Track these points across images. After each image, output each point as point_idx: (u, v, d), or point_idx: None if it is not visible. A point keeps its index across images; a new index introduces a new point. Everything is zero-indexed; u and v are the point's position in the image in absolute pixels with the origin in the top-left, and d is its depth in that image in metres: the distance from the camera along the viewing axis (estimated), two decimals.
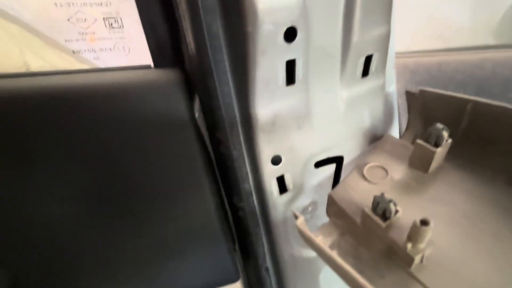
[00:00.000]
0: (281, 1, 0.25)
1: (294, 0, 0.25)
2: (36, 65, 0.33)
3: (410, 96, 0.40)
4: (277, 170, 0.36)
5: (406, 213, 0.27)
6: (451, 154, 0.34)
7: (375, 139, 0.42)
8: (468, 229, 0.28)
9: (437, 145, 0.32)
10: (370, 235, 0.29)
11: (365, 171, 0.34)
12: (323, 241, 0.31)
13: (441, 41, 0.82)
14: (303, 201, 0.40)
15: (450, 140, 0.32)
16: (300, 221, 0.28)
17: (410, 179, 0.33)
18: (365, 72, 0.35)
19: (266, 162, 0.35)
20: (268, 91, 0.30)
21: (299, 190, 0.39)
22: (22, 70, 0.32)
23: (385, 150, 0.38)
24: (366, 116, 0.39)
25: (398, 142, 0.39)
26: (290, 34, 0.27)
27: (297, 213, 0.29)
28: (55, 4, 0.29)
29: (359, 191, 0.33)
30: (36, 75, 0.32)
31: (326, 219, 0.41)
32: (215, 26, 0.27)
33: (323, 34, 0.29)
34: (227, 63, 0.29)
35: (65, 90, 0.31)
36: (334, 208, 0.33)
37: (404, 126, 0.53)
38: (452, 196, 0.31)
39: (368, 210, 0.28)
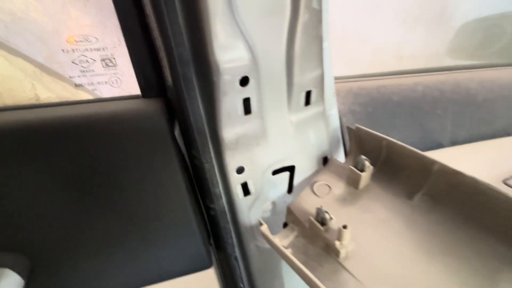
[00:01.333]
0: (236, 60, 0.35)
1: (246, 59, 0.36)
2: (44, 96, 0.40)
3: (349, 130, 0.50)
4: (241, 178, 0.46)
5: (340, 219, 0.38)
6: (376, 176, 0.45)
7: (321, 151, 0.53)
8: (382, 230, 0.38)
9: (362, 170, 0.43)
10: (315, 236, 0.39)
11: (315, 188, 0.46)
12: (280, 242, 0.40)
13: (383, 66, 0.96)
14: (264, 202, 0.50)
15: (371, 167, 0.43)
16: (264, 227, 0.39)
17: (346, 194, 0.44)
18: (307, 102, 0.46)
19: (232, 171, 0.45)
20: (231, 119, 0.40)
21: (260, 193, 0.49)
22: (33, 101, 0.40)
23: (331, 171, 0.49)
24: (312, 134, 0.50)
25: (340, 165, 0.50)
26: (245, 81, 0.37)
27: (261, 221, 0.39)
28: (62, 50, 0.36)
29: (309, 203, 0.43)
30: (44, 106, 0.41)
31: (283, 216, 0.52)
32: (189, 74, 0.37)
33: (270, 79, 0.39)
34: (199, 99, 0.39)
35: (70, 119, 0.39)
36: (291, 216, 0.44)
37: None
38: (373, 207, 0.42)
39: (312, 218, 0.38)
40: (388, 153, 0.44)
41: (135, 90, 0.47)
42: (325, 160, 0.54)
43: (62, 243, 0.39)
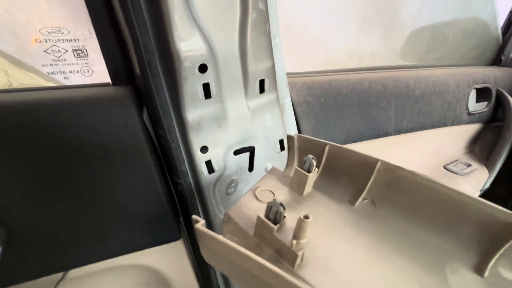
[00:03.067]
0: (194, 49, 0.41)
1: (203, 48, 0.42)
2: (17, 83, 0.43)
3: (289, 139, 0.47)
4: (205, 156, 0.52)
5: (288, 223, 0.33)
6: (318, 183, 0.43)
7: (277, 134, 0.61)
8: (332, 236, 0.36)
9: (309, 171, 0.40)
10: (261, 244, 0.34)
11: (257, 193, 0.41)
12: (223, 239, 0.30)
13: (335, 65, 1.08)
14: (227, 179, 0.56)
15: (317, 169, 0.42)
16: (199, 223, 0.30)
17: (290, 200, 0.41)
18: (262, 90, 0.54)
19: (196, 150, 0.51)
20: (193, 102, 0.46)
21: (223, 171, 0.55)
22: (6, 87, 0.42)
23: (272, 178, 0.45)
24: (268, 119, 0.58)
25: (281, 173, 0.46)
26: (203, 68, 0.44)
27: (198, 218, 0.31)
28: (35, 40, 0.40)
29: (252, 209, 0.38)
30: (18, 91, 0.44)
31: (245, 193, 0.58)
32: (154, 62, 0.42)
33: (227, 67, 0.46)
34: (164, 84, 0.45)
35: (44, 103, 0.43)
36: (230, 225, 0.38)
37: (304, 125, 0.73)
38: (320, 212, 0.39)
39: (262, 216, 0.32)
40: (330, 158, 0.44)
41: (106, 79, 0.51)
42: (281, 143, 0.61)
43: (38, 215, 0.42)
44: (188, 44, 0.41)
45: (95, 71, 0.51)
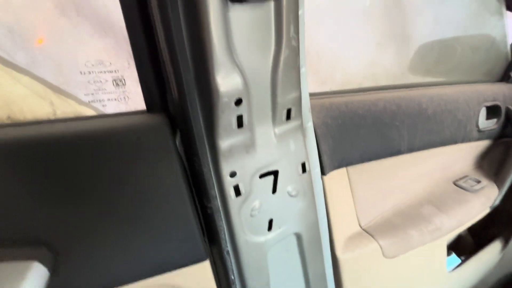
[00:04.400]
0: (232, 86, 0.44)
1: (240, 84, 0.45)
2: (60, 111, 0.45)
3: None
4: (233, 181, 0.54)
5: None
6: None
7: (300, 157, 0.63)
8: None
9: None
10: None
11: None
12: None
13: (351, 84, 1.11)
14: (252, 201, 0.58)
15: None
16: None
17: None
18: (288, 117, 0.56)
19: (226, 175, 0.53)
20: (226, 132, 0.49)
21: (249, 194, 0.57)
22: (51, 116, 0.45)
23: None
24: (292, 144, 0.60)
25: None
26: (239, 102, 0.46)
27: None
28: (80, 72, 0.42)
29: None
30: (62, 121, 0.47)
31: (269, 215, 0.61)
32: (193, 95, 0.45)
33: (259, 99, 0.49)
34: (200, 115, 0.47)
35: (82, 134, 0.45)
36: None
37: (323, 146, 0.76)
38: None
39: None
40: None
41: (141, 105, 0.54)
42: (303, 166, 0.64)
43: (78, 238, 0.44)
44: (227, 81, 0.43)
45: (130, 98, 0.54)
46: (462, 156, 1.26)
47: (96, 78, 0.45)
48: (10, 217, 0.40)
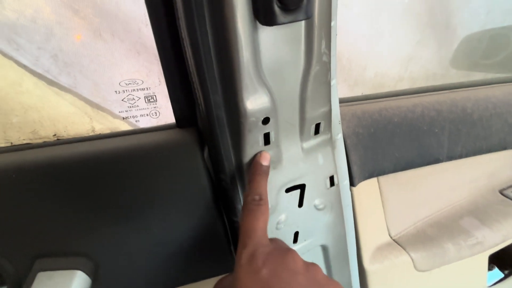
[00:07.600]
0: (259, 106, 0.43)
1: (267, 102, 0.44)
2: (98, 128, 0.49)
3: None
4: None
5: None
6: None
7: (328, 171, 0.61)
8: None
9: None
10: None
11: None
12: None
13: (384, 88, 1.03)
14: (278, 215, 0.58)
15: None
16: None
17: None
18: (317, 132, 0.54)
19: None
20: (253, 149, 0.48)
21: (275, 208, 0.57)
22: (90, 132, 0.48)
23: None
24: (320, 158, 0.58)
25: None
26: (266, 120, 0.45)
27: None
28: (115, 91, 0.45)
29: None
30: (99, 138, 0.49)
31: (294, 227, 0.60)
32: (221, 115, 0.45)
33: (287, 117, 0.47)
34: (228, 134, 0.47)
35: (118, 151, 0.48)
36: None
37: (353, 157, 0.72)
38: None
39: None
40: None
41: (171, 118, 0.55)
42: (331, 179, 0.62)
43: (115, 249, 0.48)
44: (254, 101, 0.43)
45: (161, 113, 0.55)
46: (510, 162, 1.14)
47: (129, 96, 0.47)
48: (55, 230, 0.44)
